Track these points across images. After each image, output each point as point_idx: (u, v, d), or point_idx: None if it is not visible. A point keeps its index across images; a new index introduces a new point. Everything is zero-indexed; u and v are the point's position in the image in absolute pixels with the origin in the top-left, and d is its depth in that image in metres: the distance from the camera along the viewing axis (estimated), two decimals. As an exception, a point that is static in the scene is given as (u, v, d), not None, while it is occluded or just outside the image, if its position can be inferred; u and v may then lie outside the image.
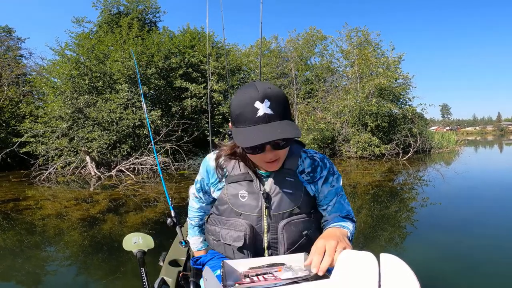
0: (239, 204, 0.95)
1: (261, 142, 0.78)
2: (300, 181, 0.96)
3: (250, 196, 0.94)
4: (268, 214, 0.93)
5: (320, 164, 0.99)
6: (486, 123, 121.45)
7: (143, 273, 1.25)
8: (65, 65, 9.77)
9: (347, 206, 1.04)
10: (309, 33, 15.45)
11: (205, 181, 1.05)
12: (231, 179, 0.97)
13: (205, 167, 1.03)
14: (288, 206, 0.93)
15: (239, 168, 0.97)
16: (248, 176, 0.95)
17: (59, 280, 2.38)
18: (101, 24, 15.33)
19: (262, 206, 0.93)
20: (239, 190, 0.95)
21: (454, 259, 2.54)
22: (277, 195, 0.93)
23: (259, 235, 0.93)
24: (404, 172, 7.91)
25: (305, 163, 0.98)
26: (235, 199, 0.95)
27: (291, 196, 0.94)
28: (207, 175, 1.03)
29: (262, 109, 0.79)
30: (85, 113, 9.13)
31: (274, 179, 0.95)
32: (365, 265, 0.65)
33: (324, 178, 0.98)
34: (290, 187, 0.94)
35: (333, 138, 12.24)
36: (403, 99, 13.85)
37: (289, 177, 0.95)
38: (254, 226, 0.93)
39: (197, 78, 11.44)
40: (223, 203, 0.98)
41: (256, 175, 0.96)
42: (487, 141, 28.88)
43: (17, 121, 10.54)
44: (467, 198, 4.91)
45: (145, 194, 5.55)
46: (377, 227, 3.46)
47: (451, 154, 12.97)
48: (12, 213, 4.42)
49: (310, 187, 0.97)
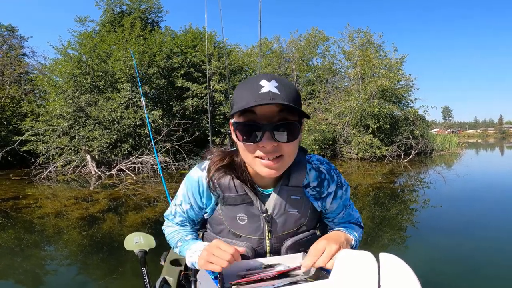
0: (238, 227, 0.85)
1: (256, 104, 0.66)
2: (307, 197, 0.86)
3: (251, 219, 0.84)
4: (272, 237, 0.85)
5: (327, 177, 0.88)
6: (488, 126, 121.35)
7: (144, 272, 1.24)
8: (67, 64, 9.78)
9: (356, 214, 0.98)
10: (311, 34, 15.48)
11: (197, 206, 0.89)
12: (227, 201, 0.84)
13: (195, 188, 0.86)
14: (293, 225, 0.85)
15: (234, 188, 0.83)
16: (247, 198, 0.83)
17: (58, 279, 2.37)
18: (103, 23, 15.38)
19: (265, 229, 0.84)
20: (237, 213, 0.84)
21: (455, 262, 2.53)
22: (281, 216, 0.84)
23: (261, 256, 0.86)
24: (405, 174, 7.89)
25: (310, 175, 0.87)
26: (233, 222, 0.85)
27: (296, 216, 0.85)
28: (200, 198, 0.87)
29: (267, 87, 0.68)
30: (86, 112, 9.13)
31: (278, 198, 0.83)
32: (365, 265, 0.64)
33: (333, 194, 0.89)
34: (295, 207, 0.84)
35: (334, 139, 12.23)
36: (405, 100, 13.83)
37: (295, 195, 0.84)
38: (256, 248, 0.85)
39: (199, 78, 11.44)
40: (219, 223, 0.87)
41: (256, 194, 0.84)
42: (488, 144, 28.82)
43: (18, 120, 10.55)
44: (468, 201, 4.89)
45: (145, 194, 5.54)
46: (378, 229, 3.44)
47: (453, 156, 12.94)
48: (12, 212, 4.41)
49: (317, 203, 0.88)
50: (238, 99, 0.72)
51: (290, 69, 14.66)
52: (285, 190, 0.83)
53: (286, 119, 0.70)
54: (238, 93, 0.73)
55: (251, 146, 0.72)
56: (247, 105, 0.67)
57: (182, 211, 0.91)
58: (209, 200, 0.87)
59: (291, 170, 0.84)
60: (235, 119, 0.73)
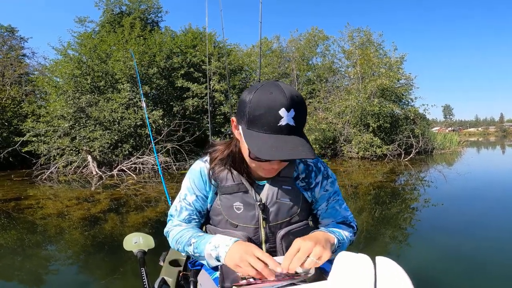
0: (234, 216, 0.89)
1: (282, 158, 0.71)
2: (297, 188, 0.91)
3: (246, 207, 0.88)
4: (266, 225, 0.88)
5: (314, 169, 0.93)
6: (489, 124, 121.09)
7: (143, 273, 1.25)
8: (67, 64, 9.79)
9: (344, 211, 0.97)
10: (311, 33, 15.46)
11: (202, 195, 0.92)
12: (224, 190, 0.89)
13: (198, 177, 0.91)
14: (286, 215, 0.89)
15: (232, 178, 0.89)
16: (243, 187, 0.88)
17: (60, 279, 2.38)
18: (103, 24, 15.38)
19: (259, 217, 0.88)
20: (233, 202, 0.89)
21: (456, 261, 2.53)
22: (274, 205, 0.88)
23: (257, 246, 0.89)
24: (406, 173, 7.88)
25: (299, 168, 0.92)
26: (230, 211, 0.89)
27: (289, 205, 0.89)
28: (204, 187, 0.91)
29: (286, 119, 0.71)
30: (87, 113, 9.15)
31: (270, 188, 0.89)
32: (362, 267, 0.66)
33: (320, 184, 0.94)
34: (287, 196, 0.89)
35: (334, 138, 12.22)
36: (405, 99, 13.81)
37: (286, 185, 0.90)
38: (252, 237, 0.89)
39: (199, 78, 11.45)
40: (217, 214, 0.92)
41: (251, 184, 0.89)
42: (489, 142, 28.78)
43: (19, 120, 10.57)
44: (469, 199, 4.88)
45: (146, 194, 5.55)
46: (379, 228, 3.44)
47: (453, 155, 12.93)
48: (14, 212, 4.43)
49: (307, 194, 0.93)
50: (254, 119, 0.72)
51: (290, 69, 14.65)
52: (277, 181, 0.89)
53: None
54: (255, 110, 0.72)
55: (259, 163, 0.79)
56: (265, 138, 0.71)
57: (188, 203, 0.92)
58: (210, 190, 0.91)
59: None
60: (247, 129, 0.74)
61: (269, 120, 0.70)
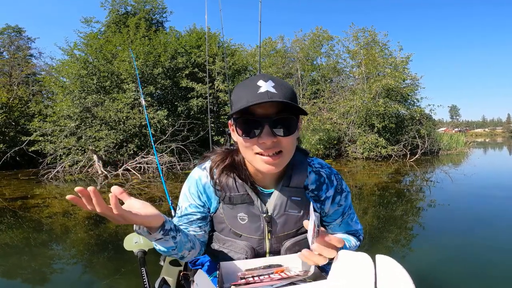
0: (238, 226, 0.85)
1: (257, 101, 0.68)
2: (307, 199, 0.86)
3: (251, 219, 0.84)
4: (271, 237, 0.85)
5: (326, 181, 0.88)
6: (496, 125, 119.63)
7: (143, 272, 1.25)
8: (73, 64, 9.89)
9: (355, 225, 0.96)
10: (316, 33, 15.39)
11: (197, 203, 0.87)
12: (228, 200, 0.85)
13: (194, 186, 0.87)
14: (293, 226, 0.86)
15: (236, 187, 0.84)
16: (248, 198, 0.84)
17: (64, 277, 2.40)
18: (109, 24, 15.49)
19: (264, 229, 0.84)
20: (238, 212, 0.85)
21: (461, 262, 2.50)
22: (281, 217, 0.84)
23: (260, 256, 0.86)
24: (411, 174, 7.82)
25: (310, 178, 0.87)
26: (234, 221, 0.85)
27: (297, 217, 0.85)
28: (198, 196, 0.87)
29: (265, 87, 0.71)
30: (93, 113, 9.23)
31: (279, 198, 0.84)
32: (362, 266, 0.65)
33: (331, 198, 0.89)
34: (296, 208, 0.85)
35: (339, 138, 12.17)
36: (411, 99, 13.68)
37: (296, 196, 0.84)
38: (255, 247, 0.86)
39: (203, 78, 11.48)
40: (220, 222, 0.88)
41: (257, 194, 0.85)
42: (496, 143, 28.40)
43: (26, 120, 10.71)
44: (475, 201, 4.82)
45: (151, 193, 5.58)
46: (383, 229, 3.41)
47: (460, 156, 12.78)
48: (20, 211, 4.48)
49: (316, 205, 0.89)
50: (237, 100, 0.74)
51: (295, 69, 14.61)
52: (286, 191, 0.84)
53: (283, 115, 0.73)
54: (236, 94, 0.76)
55: (251, 141, 0.74)
56: (247, 104, 0.69)
57: (186, 211, 0.90)
58: (210, 199, 0.88)
59: (292, 171, 0.85)
60: (235, 117, 0.75)
61: (249, 93, 0.72)
